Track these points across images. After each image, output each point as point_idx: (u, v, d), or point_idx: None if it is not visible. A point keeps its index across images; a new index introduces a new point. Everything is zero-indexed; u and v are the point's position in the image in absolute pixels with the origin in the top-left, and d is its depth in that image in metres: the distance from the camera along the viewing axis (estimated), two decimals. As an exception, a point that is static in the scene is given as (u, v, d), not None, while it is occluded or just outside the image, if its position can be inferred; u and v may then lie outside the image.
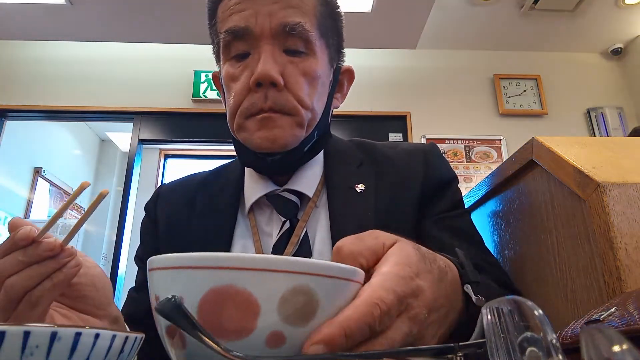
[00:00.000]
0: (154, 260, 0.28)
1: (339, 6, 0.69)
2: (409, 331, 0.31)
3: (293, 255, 0.60)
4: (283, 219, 0.64)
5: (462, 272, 0.42)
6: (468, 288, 0.40)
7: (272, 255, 0.26)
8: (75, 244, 3.73)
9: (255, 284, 0.25)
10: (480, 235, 0.67)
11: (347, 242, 0.35)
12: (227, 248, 0.65)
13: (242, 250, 0.65)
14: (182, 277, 0.26)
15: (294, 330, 0.26)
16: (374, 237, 0.36)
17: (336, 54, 0.69)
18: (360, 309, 0.28)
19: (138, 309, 0.69)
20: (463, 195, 0.73)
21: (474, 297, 0.38)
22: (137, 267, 0.75)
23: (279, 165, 0.64)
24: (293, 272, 0.26)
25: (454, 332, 0.40)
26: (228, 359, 0.24)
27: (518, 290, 0.63)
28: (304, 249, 0.62)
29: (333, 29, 0.67)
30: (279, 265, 0.26)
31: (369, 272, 0.33)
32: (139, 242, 0.77)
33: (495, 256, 0.70)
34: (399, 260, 0.34)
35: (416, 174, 0.67)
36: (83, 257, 0.49)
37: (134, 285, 0.74)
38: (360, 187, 0.66)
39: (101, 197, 0.42)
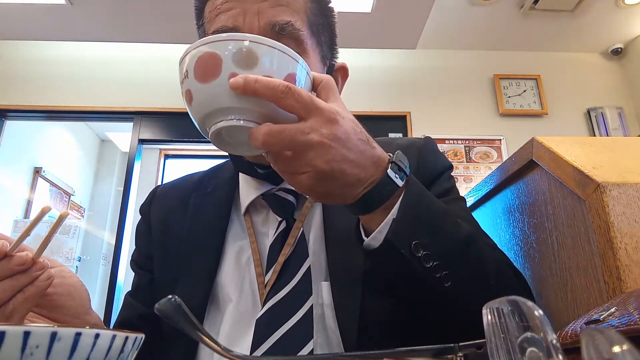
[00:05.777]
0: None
1: (330, 1, 0.67)
2: (308, 133, 0.39)
3: (290, 256, 0.60)
4: (279, 219, 0.64)
5: (392, 156, 0.46)
6: (391, 168, 0.45)
7: (225, 35, 0.43)
8: (75, 244, 3.72)
9: (219, 48, 0.41)
10: (476, 221, 0.64)
11: None
12: (220, 249, 0.64)
13: (238, 251, 0.64)
14: (186, 56, 0.44)
15: (244, 72, 0.40)
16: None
17: (329, 51, 0.67)
18: (276, 80, 0.39)
19: (133, 313, 0.68)
20: (463, 195, 0.72)
21: (390, 172, 0.44)
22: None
23: (273, 175, 0.64)
24: (239, 40, 0.41)
25: (366, 195, 0.44)
26: (228, 358, 0.24)
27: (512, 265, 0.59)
28: (301, 249, 0.60)
29: (325, 26, 0.65)
30: (231, 36, 0.42)
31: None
32: (135, 246, 0.76)
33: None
34: (337, 98, 0.45)
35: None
36: (59, 267, 0.50)
37: (130, 290, 0.73)
38: None
39: (61, 219, 0.44)
